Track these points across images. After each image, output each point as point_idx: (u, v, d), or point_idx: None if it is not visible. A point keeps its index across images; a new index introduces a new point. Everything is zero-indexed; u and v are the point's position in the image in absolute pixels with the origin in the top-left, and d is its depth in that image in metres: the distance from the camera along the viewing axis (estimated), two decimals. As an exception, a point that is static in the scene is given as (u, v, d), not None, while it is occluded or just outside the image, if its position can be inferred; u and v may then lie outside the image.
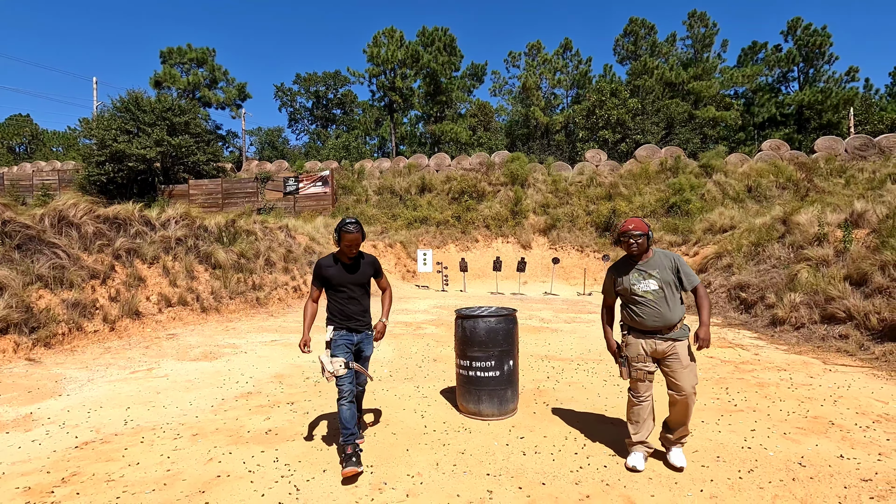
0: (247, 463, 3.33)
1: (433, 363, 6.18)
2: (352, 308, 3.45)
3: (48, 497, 2.90)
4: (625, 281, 3.25)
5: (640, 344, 3.22)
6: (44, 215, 8.15)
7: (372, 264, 3.57)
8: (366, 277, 3.52)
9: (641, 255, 3.24)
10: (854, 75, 31.77)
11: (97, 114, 24.74)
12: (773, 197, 17.47)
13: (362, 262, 3.52)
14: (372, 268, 3.57)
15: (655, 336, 3.17)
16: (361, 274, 3.49)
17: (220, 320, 9.13)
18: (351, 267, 3.46)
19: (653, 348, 3.19)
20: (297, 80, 43.33)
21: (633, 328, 3.27)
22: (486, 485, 3.04)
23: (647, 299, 3.16)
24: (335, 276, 3.42)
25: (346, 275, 3.44)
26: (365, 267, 3.52)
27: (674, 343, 3.14)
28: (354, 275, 3.46)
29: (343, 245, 3.34)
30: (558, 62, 34.07)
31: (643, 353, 3.21)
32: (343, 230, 3.31)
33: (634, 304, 3.21)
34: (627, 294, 3.23)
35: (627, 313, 3.29)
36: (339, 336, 3.40)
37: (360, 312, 3.49)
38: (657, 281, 3.16)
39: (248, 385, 5.19)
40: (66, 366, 5.89)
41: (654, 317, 3.14)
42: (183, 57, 32.41)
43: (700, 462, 3.32)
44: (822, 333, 7.18)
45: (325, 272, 3.43)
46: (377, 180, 22.32)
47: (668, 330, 3.15)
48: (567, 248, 17.67)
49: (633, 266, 3.25)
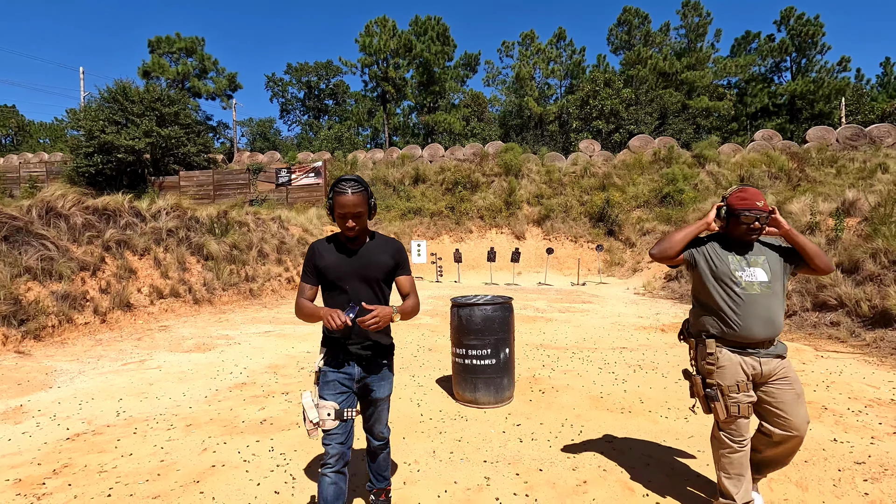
0: (242, 453, 3.30)
1: (429, 352, 6.17)
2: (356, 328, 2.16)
3: (39, 489, 2.85)
4: (718, 265, 2.29)
5: (738, 364, 2.26)
6: (31, 206, 8.01)
7: (393, 252, 2.29)
8: (379, 271, 2.24)
9: None
10: (846, 65, 31.91)
11: (84, 104, 24.33)
12: (766, 186, 17.55)
13: (374, 247, 2.26)
14: (392, 258, 2.28)
15: (759, 351, 2.26)
16: (371, 264, 2.23)
17: (213, 312, 9.06)
18: (355, 253, 2.23)
19: (755, 370, 2.26)
20: (288, 70, 42.76)
21: (726, 341, 2.29)
22: (484, 472, 3.03)
23: (751, 295, 2.22)
24: (332, 266, 2.20)
25: (347, 264, 2.21)
26: (378, 254, 2.25)
27: (781, 361, 2.29)
28: (359, 265, 2.22)
29: (337, 216, 2.16)
30: (552, 52, 33.89)
31: (744, 378, 2.26)
32: (336, 191, 2.13)
33: (731, 303, 2.25)
34: (718, 286, 2.28)
35: (716, 320, 2.30)
36: (333, 367, 2.22)
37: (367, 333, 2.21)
38: (766, 271, 2.27)
39: (242, 376, 5.15)
40: (57, 358, 5.81)
41: (761, 322, 2.21)
42: (172, 46, 31.88)
43: (696, 447, 3.34)
44: (814, 321, 7.24)
45: (321, 260, 2.22)
46: (370, 171, 22.18)
47: (770, 343, 2.27)
48: (561, 238, 17.69)
49: (733, 248, 2.34)
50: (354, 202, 2.13)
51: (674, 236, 2.38)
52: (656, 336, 6.96)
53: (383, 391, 2.33)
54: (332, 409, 2.12)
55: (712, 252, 2.34)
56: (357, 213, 2.14)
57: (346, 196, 2.11)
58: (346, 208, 2.12)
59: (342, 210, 2.13)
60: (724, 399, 2.26)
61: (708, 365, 2.30)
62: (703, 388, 2.33)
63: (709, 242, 2.38)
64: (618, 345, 6.45)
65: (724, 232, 2.38)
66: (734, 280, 2.25)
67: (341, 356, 2.23)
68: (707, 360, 2.30)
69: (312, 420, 2.09)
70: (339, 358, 2.22)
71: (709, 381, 2.32)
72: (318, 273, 2.24)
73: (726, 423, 2.30)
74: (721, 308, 2.27)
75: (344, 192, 2.11)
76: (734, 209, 2.26)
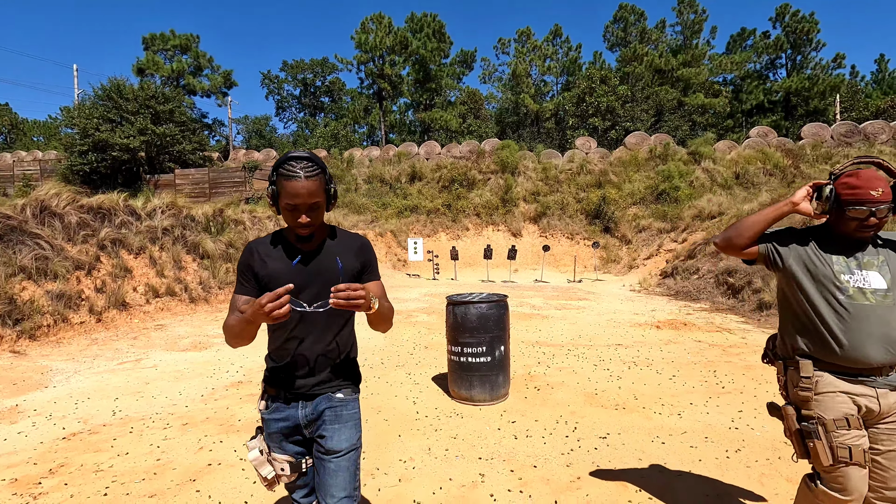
0: (238, 451, 3.31)
1: (425, 350, 6.19)
2: (304, 348, 1.61)
3: (35, 488, 2.86)
4: (817, 265, 1.74)
5: (849, 397, 1.70)
6: (25, 205, 7.98)
7: (356, 251, 1.68)
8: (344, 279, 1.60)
9: None
10: (840, 62, 32.05)
11: (78, 102, 24.19)
12: (761, 183, 17.63)
13: (334, 248, 1.65)
14: (356, 259, 1.67)
15: (874, 380, 1.69)
16: (332, 270, 1.60)
17: (209, 310, 9.05)
18: (309, 257, 1.61)
19: (869, 404, 1.70)
20: (283, 67, 42.57)
21: (828, 364, 1.73)
22: (479, 468, 3.06)
23: (862, 306, 1.68)
24: (279, 275, 1.57)
25: (299, 273, 1.58)
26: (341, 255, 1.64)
27: None
28: (316, 272, 1.60)
29: (284, 209, 1.53)
30: (548, 49, 33.88)
31: (855, 412, 1.70)
32: (283, 173, 1.51)
33: (834, 316, 1.70)
34: (817, 293, 1.73)
35: (814, 337, 1.74)
36: (275, 413, 1.65)
37: (320, 357, 1.62)
38: (884, 276, 1.71)
39: (238, 374, 5.16)
40: (52, 357, 5.80)
41: (876, 341, 1.66)
42: (166, 43, 31.71)
43: (689, 443, 3.37)
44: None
45: (263, 267, 1.60)
46: (366, 169, 22.15)
47: (890, 369, 1.70)
48: (557, 235, 17.72)
49: (838, 244, 1.78)
50: (309, 189, 1.49)
51: (744, 222, 1.87)
52: (651, 333, 7.00)
53: (340, 441, 1.62)
54: (285, 464, 1.64)
55: (809, 248, 1.79)
56: (313, 203, 1.52)
57: (298, 181, 1.48)
58: (299, 198, 1.49)
59: (292, 200, 1.49)
60: (827, 437, 1.67)
61: (803, 391, 1.74)
62: (798, 422, 1.75)
63: (804, 235, 1.83)
64: (613, 342, 6.48)
65: (826, 222, 1.81)
66: (838, 286, 1.70)
67: (284, 394, 1.64)
68: (801, 385, 1.74)
69: (266, 476, 1.64)
70: (281, 397, 1.65)
71: (805, 413, 1.74)
72: (258, 283, 1.60)
73: (831, 473, 1.68)
74: (820, 322, 1.71)
75: (294, 175, 1.48)
76: (841, 199, 1.69)
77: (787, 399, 1.87)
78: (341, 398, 1.68)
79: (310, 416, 1.64)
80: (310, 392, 1.64)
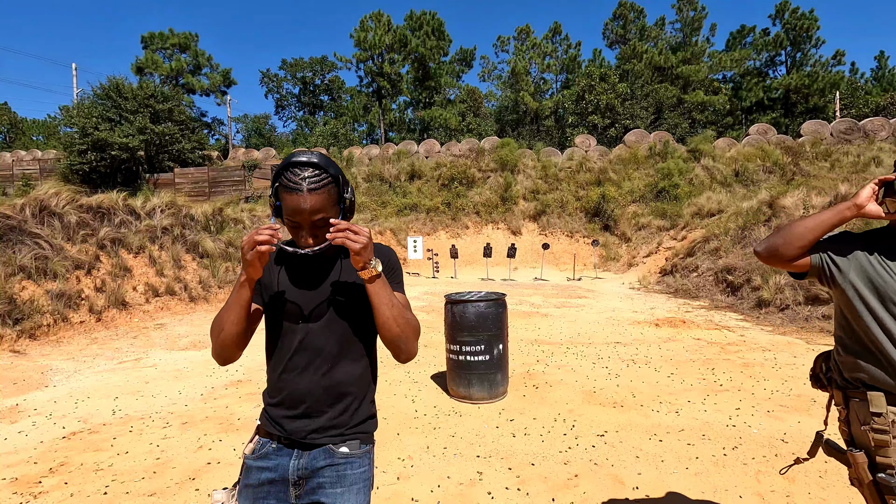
0: (237, 450, 3.33)
1: (423, 348, 6.20)
2: (304, 381, 1.29)
3: (36, 487, 2.88)
4: (886, 279, 1.41)
5: None
6: (25, 205, 7.98)
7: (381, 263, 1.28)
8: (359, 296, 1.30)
9: None
10: (840, 59, 31.97)
11: (77, 101, 24.15)
12: (760, 181, 17.62)
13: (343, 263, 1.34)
14: None
15: None
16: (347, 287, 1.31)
17: (208, 309, 9.06)
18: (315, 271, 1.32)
19: None
20: (283, 65, 42.45)
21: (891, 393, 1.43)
22: (477, 466, 3.07)
23: None
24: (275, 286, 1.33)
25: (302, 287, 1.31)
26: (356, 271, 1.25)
27: None
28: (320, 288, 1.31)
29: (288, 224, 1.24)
30: (548, 46, 33.83)
31: None
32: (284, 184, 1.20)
33: None
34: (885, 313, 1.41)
35: (884, 365, 1.42)
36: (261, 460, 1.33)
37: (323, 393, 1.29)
38: None
39: (237, 373, 5.17)
40: (52, 357, 5.82)
41: None
42: (165, 42, 31.67)
43: (686, 440, 3.39)
44: (806, 314, 7.31)
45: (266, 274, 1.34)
46: (366, 167, 22.14)
47: None
48: (557, 233, 17.73)
49: None
50: (313, 206, 1.19)
51: (793, 228, 1.49)
52: (650, 331, 7.01)
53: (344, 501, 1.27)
54: None
55: (872, 259, 1.45)
56: (317, 220, 1.21)
57: (299, 195, 1.17)
58: (299, 215, 1.20)
59: (292, 217, 1.21)
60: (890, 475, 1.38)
61: (878, 434, 1.41)
62: (873, 472, 1.42)
63: (865, 243, 1.49)
64: (612, 340, 6.50)
65: (889, 224, 1.49)
66: None
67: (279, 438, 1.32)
68: (875, 425, 1.41)
69: None
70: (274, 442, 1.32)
71: (881, 462, 1.40)
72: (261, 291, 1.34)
73: None
74: (892, 348, 1.39)
75: (295, 187, 1.17)
76: None
77: (849, 436, 1.52)
78: (345, 453, 1.29)
79: (302, 470, 1.28)
80: (305, 440, 1.28)
